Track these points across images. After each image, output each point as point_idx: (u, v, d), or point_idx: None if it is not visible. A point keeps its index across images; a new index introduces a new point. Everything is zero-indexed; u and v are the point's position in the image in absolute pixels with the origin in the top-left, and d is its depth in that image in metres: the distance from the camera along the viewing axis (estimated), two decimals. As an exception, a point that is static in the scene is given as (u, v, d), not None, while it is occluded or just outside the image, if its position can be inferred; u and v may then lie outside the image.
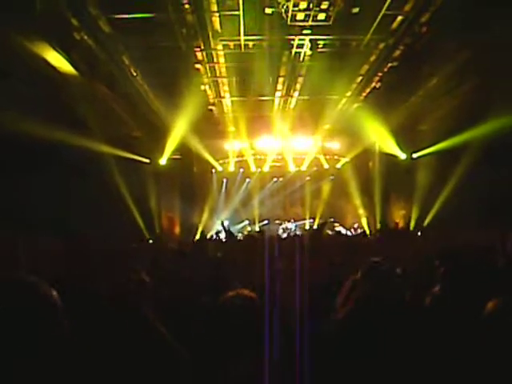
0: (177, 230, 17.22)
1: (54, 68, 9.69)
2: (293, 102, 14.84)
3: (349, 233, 18.99)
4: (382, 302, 2.52)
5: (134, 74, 11.90)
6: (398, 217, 17.18)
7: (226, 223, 18.11)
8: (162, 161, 16.61)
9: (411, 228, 16.18)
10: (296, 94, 14.07)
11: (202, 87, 13.40)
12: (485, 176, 12.55)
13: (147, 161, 16.51)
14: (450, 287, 3.05)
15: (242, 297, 2.23)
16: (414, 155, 16.47)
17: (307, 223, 20.60)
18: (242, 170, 20.14)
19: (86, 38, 9.59)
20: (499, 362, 1.99)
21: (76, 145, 11.28)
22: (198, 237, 16.63)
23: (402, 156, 16.71)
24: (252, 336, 2.04)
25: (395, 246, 7.86)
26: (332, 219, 20.45)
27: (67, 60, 9.74)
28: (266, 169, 19.85)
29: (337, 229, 19.60)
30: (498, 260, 5.51)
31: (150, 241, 14.98)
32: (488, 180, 12.44)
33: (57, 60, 9.52)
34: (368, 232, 18.06)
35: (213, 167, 19.33)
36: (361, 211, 18.66)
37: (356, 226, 19.32)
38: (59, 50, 9.36)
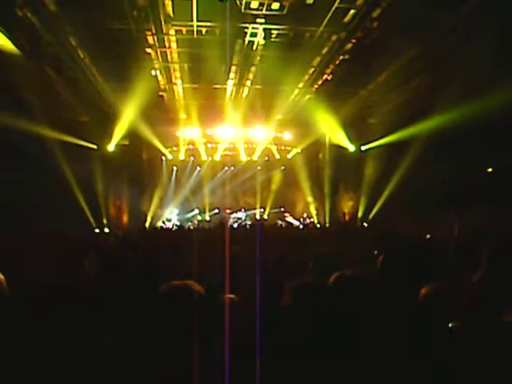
0: (125, 218, 16.85)
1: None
2: (245, 91, 14.77)
3: (299, 223, 19.27)
4: (324, 288, 2.54)
5: (82, 57, 11.44)
6: (347, 208, 17.58)
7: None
8: (110, 147, 16.17)
9: (358, 219, 16.61)
10: (249, 83, 14.01)
11: (153, 72, 13.08)
12: (429, 169, 13.04)
13: (94, 147, 16.02)
14: (386, 275, 3.13)
15: (185, 286, 2.20)
16: (363, 147, 16.87)
17: (258, 212, 20.72)
18: (192, 158, 19.94)
19: (29, 15, 9.09)
20: (433, 346, 2.07)
21: (18, 128, 10.79)
22: (146, 225, 16.43)
23: (352, 148, 17.07)
24: (191, 325, 2.01)
25: (342, 238, 8.03)
26: (282, 209, 20.68)
27: (9, 38, 9.25)
28: (217, 158, 19.75)
29: (287, 219, 19.86)
30: (434, 248, 5.77)
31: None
32: (432, 172, 12.93)
33: (-3, 38, 9.03)
34: (317, 222, 18.40)
35: (163, 155, 19.04)
36: (311, 201, 18.95)
37: (305, 215, 19.62)
38: (0, 28, 8.88)
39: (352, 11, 9.78)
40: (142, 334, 2.17)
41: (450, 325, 2.10)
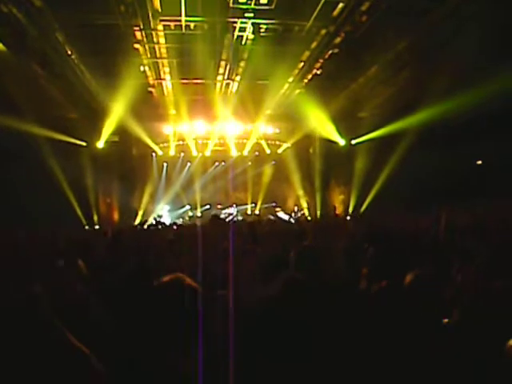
0: (115, 215, 16.76)
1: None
2: (235, 86, 14.73)
3: (289, 217, 19.28)
4: (304, 282, 2.54)
5: (69, 53, 11.32)
6: (337, 202, 17.63)
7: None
8: (100, 144, 16.05)
9: (349, 213, 16.67)
10: (238, 78, 13.97)
11: (142, 68, 13.00)
12: (419, 161, 13.11)
13: (84, 144, 15.90)
14: (377, 267, 3.16)
15: (178, 281, 2.18)
16: (353, 141, 16.91)
17: (249, 208, 20.72)
18: (182, 154, 19.86)
19: (14, 11, 8.96)
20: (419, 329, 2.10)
21: (5, 126, 10.67)
22: (137, 222, 16.36)
23: (342, 142, 17.10)
24: (185, 320, 2.00)
25: (332, 232, 8.06)
26: (274, 204, 20.70)
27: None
28: (207, 153, 19.69)
29: (278, 214, 19.89)
30: (424, 240, 5.84)
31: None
32: (422, 166, 13.00)
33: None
34: (308, 215, 18.45)
35: (153, 151, 18.93)
36: (302, 196, 18.99)
37: (296, 209, 19.66)
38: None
39: (341, 5, 9.77)
40: (136, 330, 2.16)
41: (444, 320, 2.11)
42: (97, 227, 15.30)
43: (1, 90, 10.31)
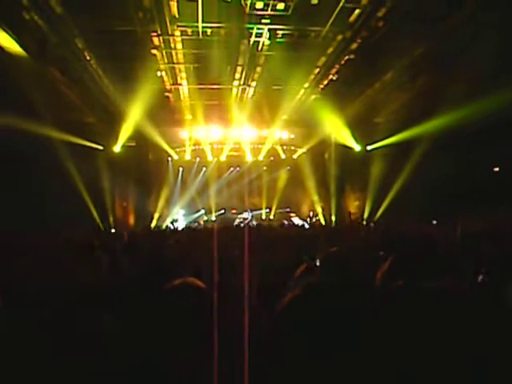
0: (131, 218, 16.91)
1: (1, 49, 9.25)
2: (251, 91, 14.78)
3: (304, 223, 19.23)
4: (330, 287, 2.54)
5: (88, 58, 11.50)
6: (353, 207, 17.54)
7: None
8: (117, 148, 16.24)
9: (364, 219, 16.57)
10: (254, 83, 14.03)
11: (159, 73, 13.12)
12: (436, 168, 12.98)
13: (101, 148, 16.09)
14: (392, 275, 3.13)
15: (189, 284, 2.20)
16: (369, 147, 16.83)
17: (263, 213, 20.72)
18: (198, 158, 19.96)
19: (36, 18, 9.14)
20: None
21: (25, 130, 10.85)
22: (153, 225, 16.48)
23: (357, 148, 17.03)
24: (199, 325, 2.02)
25: (347, 238, 8.02)
26: (288, 209, 20.67)
27: (16, 41, 9.30)
28: (222, 158, 19.76)
29: (293, 219, 19.85)
30: (439, 248, 5.76)
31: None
32: (438, 173, 12.87)
33: (5, 40, 9.08)
34: (323, 221, 18.38)
35: (169, 155, 19.07)
36: (316, 201, 18.93)
37: (311, 214, 19.59)
38: (7, 30, 8.92)
39: (357, 11, 9.77)
40: (148, 333, 2.18)
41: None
42: (113, 231, 15.44)
43: (21, 94, 10.50)
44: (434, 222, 13.63)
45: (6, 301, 2.27)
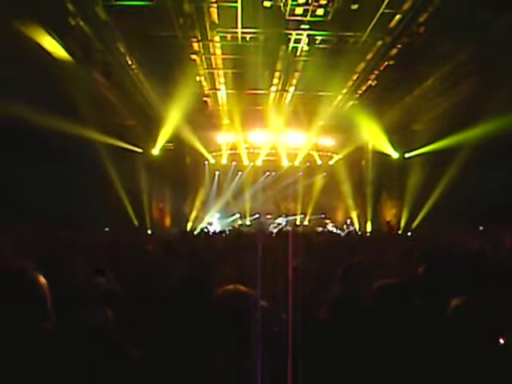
0: (167, 220, 17.18)
1: (48, 53, 9.59)
2: (288, 96, 14.79)
3: (339, 231, 18.99)
4: (353, 304, 2.55)
5: (130, 63, 11.79)
6: (389, 216, 17.25)
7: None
8: (155, 151, 16.56)
9: (401, 227, 16.27)
10: (292, 89, 14.03)
11: (198, 78, 13.32)
12: (476, 178, 12.62)
13: (140, 150, 16.44)
14: (428, 287, 3.03)
15: (239, 291, 2.22)
16: (407, 155, 16.55)
17: (298, 219, 20.62)
18: (234, 163, 20.07)
19: (81, 23, 9.46)
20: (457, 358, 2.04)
21: (68, 132, 11.21)
22: (188, 228, 16.67)
23: (395, 155, 16.77)
24: (245, 330, 2.03)
25: (383, 248, 7.86)
26: (323, 215, 20.49)
27: (62, 46, 9.64)
28: (258, 163, 19.80)
29: (328, 226, 19.65)
30: (484, 260, 5.54)
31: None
32: (480, 182, 12.51)
33: (51, 45, 9.41)
34: (359, 230, 18.14)
35: (205, 159, 19.26)
36: (352, 209, 18.70)
37: (349, 222, 19.33)
38: (54, 36, 9.25)
39: (398, 16, 9.64)
40: (196, 339, 2.20)
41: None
42: (149, 232, 15.72)
43: (65, 97, 10.85)
44: (481, 228, 13.28)
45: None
